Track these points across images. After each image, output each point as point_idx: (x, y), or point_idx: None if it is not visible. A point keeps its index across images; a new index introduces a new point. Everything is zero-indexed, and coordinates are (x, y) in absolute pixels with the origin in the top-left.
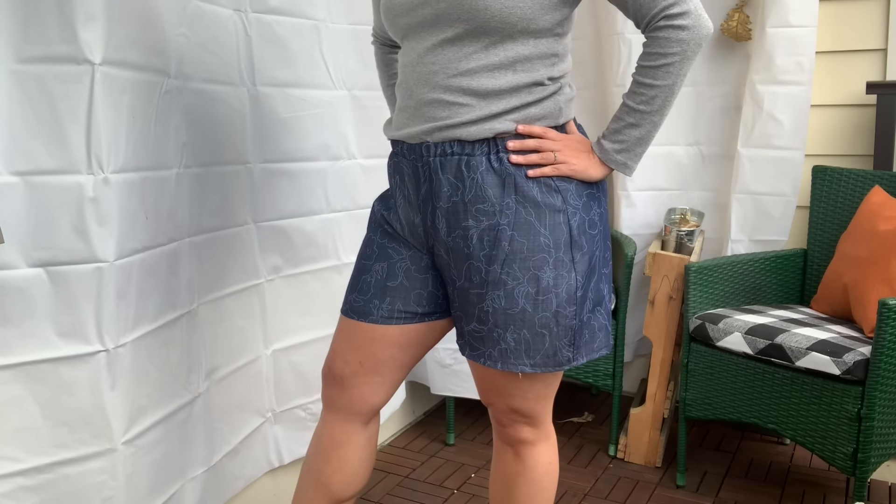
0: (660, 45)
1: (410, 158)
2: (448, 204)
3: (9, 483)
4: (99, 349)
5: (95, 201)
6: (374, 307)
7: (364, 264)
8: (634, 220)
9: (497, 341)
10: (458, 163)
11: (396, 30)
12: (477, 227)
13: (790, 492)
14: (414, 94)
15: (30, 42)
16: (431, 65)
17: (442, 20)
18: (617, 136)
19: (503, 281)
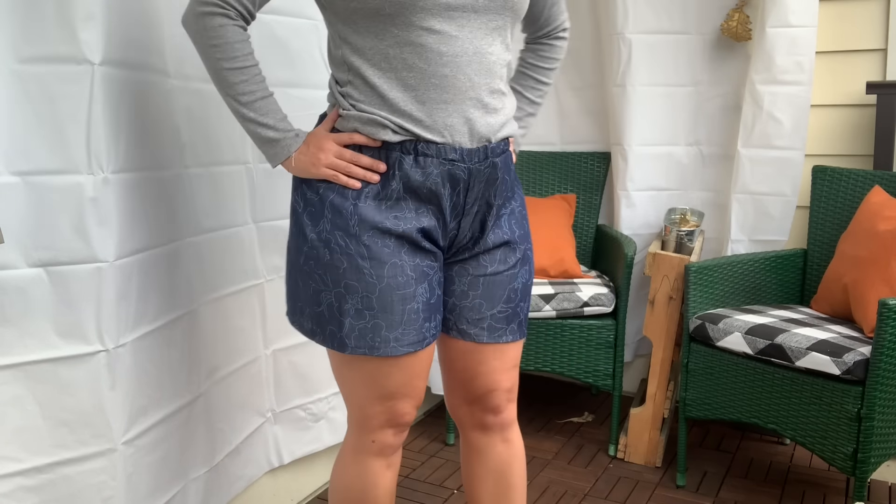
0: (556, 52)
1: (471, 161)
2: (501, 199)
3: (9, 483)
4: (99, 349)
5: (95, 201)
6: (426, 330)
7: (404, 293)
8: (634, 220)
9: (518, 314)
10: (508, 158)
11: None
12: (509, 213)
13: (790, 492)
14: (476, 85)
15: (30, 42)
16: (490, 55)
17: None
18: (521, 122)
19: (528, 257)
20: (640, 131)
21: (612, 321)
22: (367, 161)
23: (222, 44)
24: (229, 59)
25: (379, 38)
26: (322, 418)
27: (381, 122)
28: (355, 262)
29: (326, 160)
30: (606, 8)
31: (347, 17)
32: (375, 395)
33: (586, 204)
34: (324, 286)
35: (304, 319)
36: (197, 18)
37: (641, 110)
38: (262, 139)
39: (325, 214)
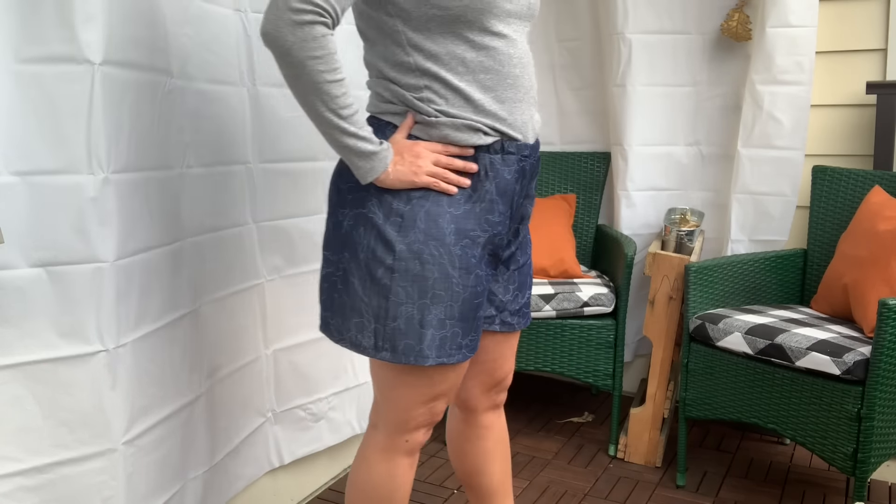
0: None
1: (532, 157)
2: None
3: (9, 483)
4: (99, 349)
5: (96, 201)
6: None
7: (479, 302)
8: (634, 220)
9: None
10: None
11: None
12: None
13: (790, 492)
14: (532, 86)
15: (30, 42)
16: (530, 55)
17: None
18: None
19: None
20: (640, 131)
21: (612, 321)
22: (460, 164)
23: (325, 55)
24: (332, 70)
25: (454, 44)
26: (322, 418)
27: (474, 126)
28: (446, 271)
29: (427, 168)
30: (606, 8)
31: (422, 24)
32: (424, 399)
33: (586, 204)
34: (406, 299)
35: (364, 336)
36: (295, 28)
37: (641, 110)
38: (361, 153)
39: (416, 225)
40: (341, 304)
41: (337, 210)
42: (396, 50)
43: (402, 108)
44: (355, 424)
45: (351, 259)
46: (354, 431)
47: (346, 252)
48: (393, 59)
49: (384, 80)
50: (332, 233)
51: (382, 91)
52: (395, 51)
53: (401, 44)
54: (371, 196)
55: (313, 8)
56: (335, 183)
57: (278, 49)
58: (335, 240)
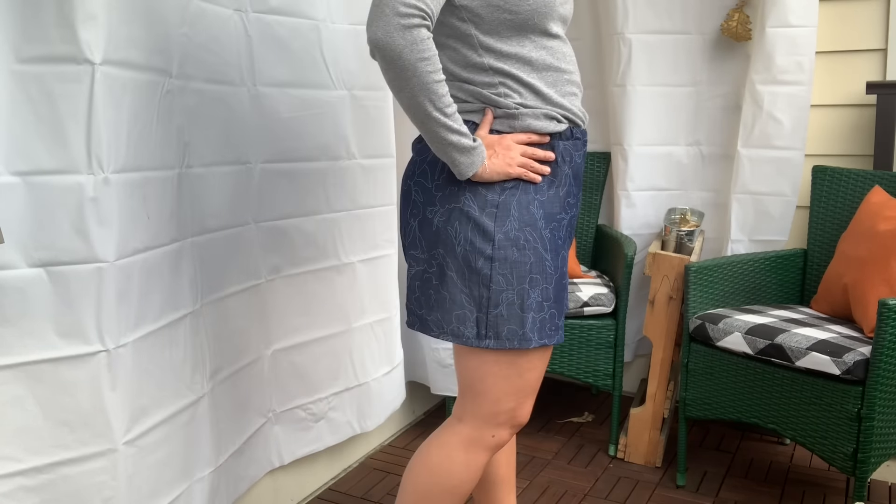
0: None
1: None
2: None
3: (9, 483)
4: (99, 349)
5: (96, 201)
6: None
7: (566, 282)
8: (634, 220)
9: None
10: None
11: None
12: None
13: (790, 492)
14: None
15: (30, 42)
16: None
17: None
18: None
19: None
20: (640, 131)
21: (612, 321)
22: (542, 154)
23: (431, 56)
24: (437, 70)
25: (521, 45)
26: (322, 418)
27: (551, 115)
28: (540, 254)
29: (518, 159)
30: (606, 8)
31: (493, 28)
32: (515, 390)
33: (586, 204)
34: (507, 286)
35: (466, 326)
36: (404, 32)
37: (641, 110)
38: (463, 149)
39: (511, 213)
40: (440, 299)
41: (424, 208)
42: (469, 52)
43: (480, 105)
44: (355, 424)
45: (446, 254)
46: (354, 431)
47: (440, 248)
48: (465, 60)
49: (457, 81)
50: (418, 232)
51: (456, 92)
52: (467, 53)
53: (473, 46)
54: (464, 191)
55: (418, 12)
56: (419, 183)
57: (390, 53)
58: (424, 238)
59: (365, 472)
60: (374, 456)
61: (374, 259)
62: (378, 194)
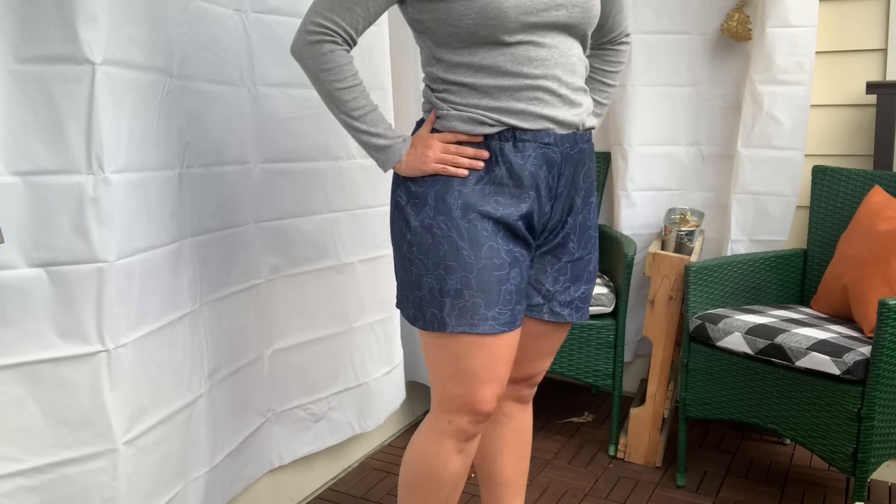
0: (620, 56)
1: (563, 147)
2: (587, 184)
3: (9, 483)
4: (99, 349)
5: (96, 201)
6: (518, 312)
7: (500, 275)
8: (634, 220)
9: (590, 295)
10: (592, 149)
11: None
12: (593, 205)
13: (790, 492)
14: (563, 83)
15: (30, 42)
16: (572, 56)
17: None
18: None
19: (597, 243)
20: (641, 131)
21: (612, 321)
22: (471, 151)
23: (333, 67)
24: (340, 80)
25: (472, 54)
26: (322, 418)
27: (478, 119)
28: (455, 243)
29: (435, 156)
30: None
31: (443, 41)
32: (458, 375)
33: None
34: (425, 270)
35: (408, 307)
36: (308, 47)
37: (641, 110)
38: (375, 147)
39: (428, 203)
40: (397, 278)
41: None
42: (426, 59)
43: (429, 107)
44: (355, 424)
45: (392, 241)
46: (354, 431)
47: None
48: (426, 67)
49: (424, 84)
50: None
51: (423, 94)
52: (426, 61)
53: (428, 55)
54: (400, 184)
55: (323, 30)
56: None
57: (299, 63)
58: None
59: (365, 472)
60: (374, 456)
61: (374, 259)
62: (377, 194)
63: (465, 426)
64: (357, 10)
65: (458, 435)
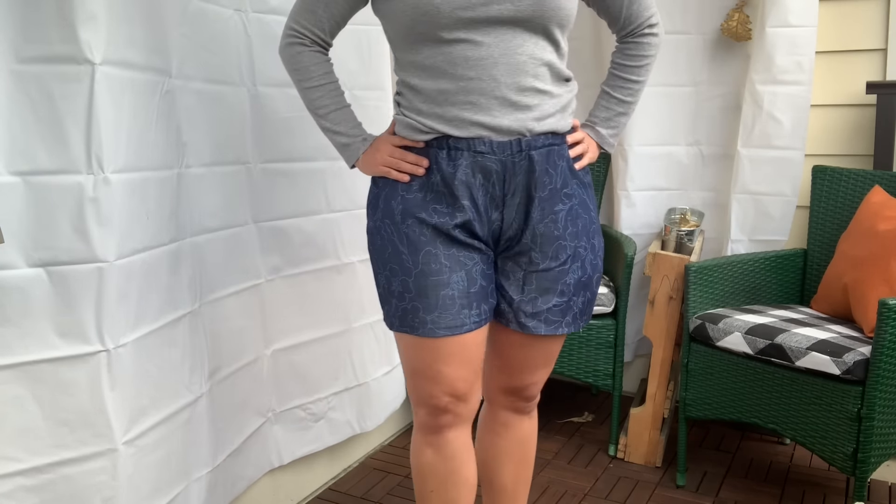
0: (643, 49)
1: (502, 155)
2: (545, 192)
3: (9, 483)
4: (99, 349)
5: (95, 201)
6: (465, 317)
7: (437, 280)
8: (634, 220)
9: (572, 308)
10: (552, 153)
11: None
12: (563, 209)
13: (790, 492)
14: (502, 84)
15: (30, 42)
16: (520, 56)
17: (522, 15)
18: (611, 123)
19: (580, 254)
20: (640, 131)
21: (612, 321)
22: (413, 157)
23: (300, 67)
24: (307, 79)
25: (416, 52)
26: (322, 418)
27: (413, 126)
28: (396, 247)
29: (381, 159)
30: None
31: (394, 39)
32: (411, 371)
33: None
34: (379, 269)
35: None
36: (284, 48)
37: (641, 110)
38: (338, 144)
39: (378, 206)
40: None
41: None
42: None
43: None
44: (355, 424)
45: None
46: (354, 431)
47: None
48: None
49: None
50: None
51: None
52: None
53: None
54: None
55: (293, 33)
56: None
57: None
58: None
59: (365, 472)
60: (374, 456)
61: None
62: None
63: (425, 419)
64: (319, 13)
65: (422, 428)
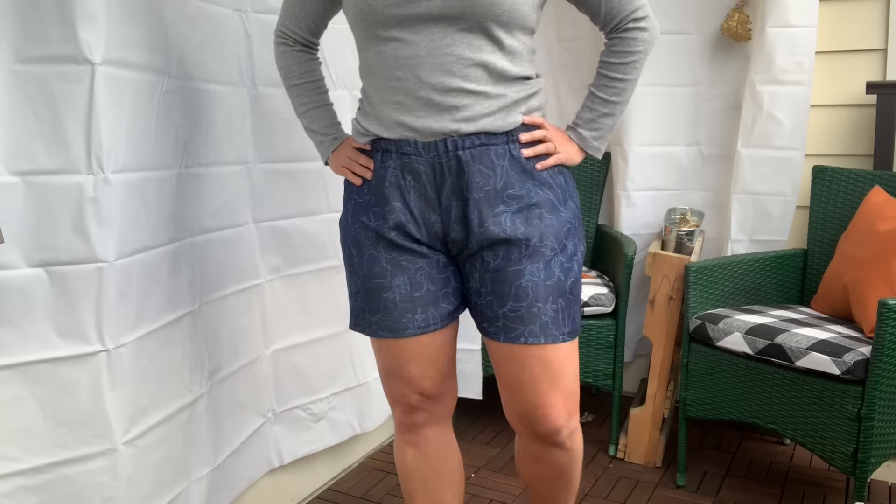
0: (628, 45)
1: (429, 155)
2: (480, 193)
3: (9, 483)
4: (99, 349)
5: (95, 201)
6: (409, 321)
7: (379, 283)
8: (634, 220)
9: (538, 315)
10: (489, 153)
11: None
12: (509, 210)
13: (790, 492)
14: (425, 85)
15: (30, 42)
16: (447, 56)
17: (452, 12)
18: (593, 125)
19: (542, 253)
20: (640, 131)
21: (612, 321)
22: (364, 160)
23: (283, 66)
24: (288, 77)
25: (364, 53)
26: (322, 418)
27: (356, 128)
28: (349, 249)
29: (341, 160)
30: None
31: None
32: (380, 370)
33: (586, 204)
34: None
35: None
36: (274, 48)
37: (641, 110)
38: (315, 142)
39: (344, 206)
40: None
41: None
42: None
43: None
44: (355, 424)
45: None
46: (354, 431)
47: None
48: None
49: None
50: None
51: None
52: None
53: None
54: None
55: (279, 33)
56: None
57: None
58: None
59: (365, 472)
60: (374, 456)
61: None
62: None
63: (401, 417)
64: (297, 12)
65: (401, 427)
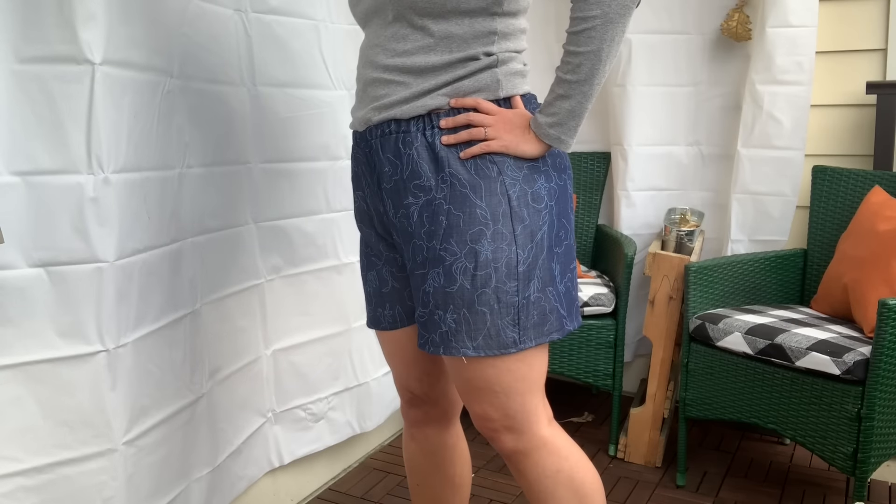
0: (580, 10)
1: (362, 145)
2: (390, 184)
3: (9, 483)
4: (99, 349)
5: (96, 201)
6: (381, 315)
7: (363, 275)
8: (634, 220)
9: (438, 324)
10: (395, 141)
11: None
12: (416, 203)
13: (790, 492)
14: (361, 77)
15: (30, 42)
16: (375, 48)
17: (378, 5)
18: (549, 108)
19: (441, 257)
20: (640, 131)
21: (612, 321)
22: None
23: None
24: None
25: None
26: (322, 418)
27: None
28: None
29: None
30: None
31: None
32: None
33: (586, 204)
34: None
35: None
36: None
37: (641, 110)
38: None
39: None
40: None
41: None
42: None
43: None
44: (355, 424)
45: None
46: (354, 431)
47: None
48: None
49: None
50: None
51: None
52: None
53: None
54: None
55: None
56: None
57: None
58: None
59: (365, 472)
60: (374, 456)
61: None
62: None
63: (403, 407)
64: None
65: (405, 418)
